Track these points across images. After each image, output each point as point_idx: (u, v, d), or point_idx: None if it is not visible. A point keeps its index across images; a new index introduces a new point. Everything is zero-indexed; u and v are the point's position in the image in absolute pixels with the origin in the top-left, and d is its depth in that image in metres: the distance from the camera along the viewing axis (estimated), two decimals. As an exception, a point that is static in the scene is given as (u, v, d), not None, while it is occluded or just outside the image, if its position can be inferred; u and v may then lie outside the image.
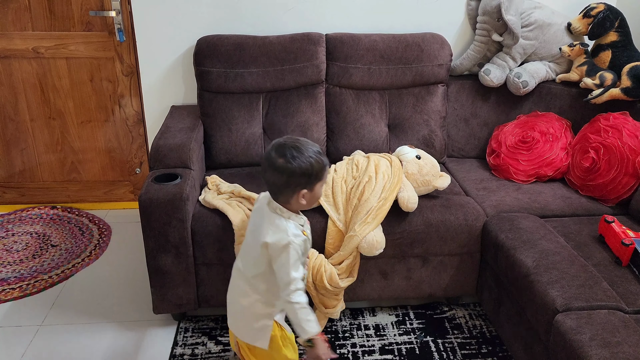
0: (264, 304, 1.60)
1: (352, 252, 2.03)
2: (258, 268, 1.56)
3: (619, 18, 2.46)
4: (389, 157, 2.24)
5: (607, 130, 2.31)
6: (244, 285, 1.62)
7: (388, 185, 2.09)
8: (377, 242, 2.01)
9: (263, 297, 1.59)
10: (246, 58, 2.48)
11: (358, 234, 1.99)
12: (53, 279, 2.50)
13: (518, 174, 2.44)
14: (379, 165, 2.15)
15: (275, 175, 1.47)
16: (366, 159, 2.25)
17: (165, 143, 2.23)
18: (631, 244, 1.82)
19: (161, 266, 2.06)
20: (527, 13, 2.56)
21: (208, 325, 2.24)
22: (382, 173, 2.12)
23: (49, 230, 2.88)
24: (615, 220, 1.95)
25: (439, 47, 2.57)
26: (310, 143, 1.50)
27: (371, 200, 2.03)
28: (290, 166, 1.45)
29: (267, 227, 1.52)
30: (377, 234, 2.02)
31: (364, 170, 2.16)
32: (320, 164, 1.50)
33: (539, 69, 2.61)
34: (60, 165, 3.06)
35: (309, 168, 1.46)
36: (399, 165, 2.17)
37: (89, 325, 2.24)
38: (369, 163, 2.18)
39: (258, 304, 1.60)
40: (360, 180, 2.11)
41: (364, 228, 2.00)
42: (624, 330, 1.53)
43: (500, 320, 2.05)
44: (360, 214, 2.02)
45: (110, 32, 2.77)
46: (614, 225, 1.92)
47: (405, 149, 2.26)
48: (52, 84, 2.87)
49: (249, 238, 1.62)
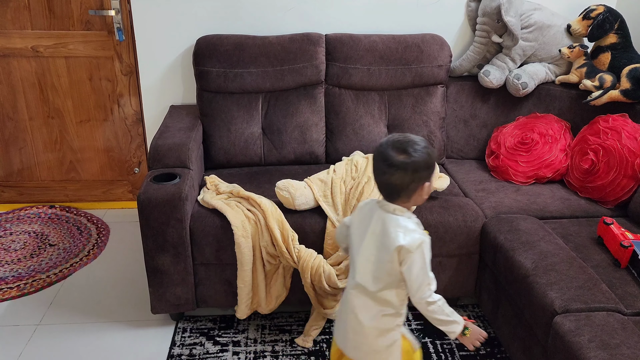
0: (392, 316, 1.49)
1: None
2: (390, 277, 1.44)
3: (619, 20, 2.47)
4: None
5: (607, 132, 2.31)
6: (368, 301, 1.48)
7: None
8: None
9: (392, 308, 1.48)
10: (246, 58, 2.48)
11: None
12: (51, 279, 2.49)
13: (517, 175, 2.44)
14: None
15: (398, 173, 1.38)
16: (365, 159, 2.24)
17: (164, 143, 2.23)
18: (630, 246, 1.82)
19: (159, 266, 2.05)
20: (526, 14, 2.56)
21: (206, 326, 2.23)
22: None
23: (47, 229, 2.87)
24: (615, 222, 1.95)
25: (439, 48, 2.57)
26: (415, 136, 1.46)
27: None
28: (415, 160, 1.38)
29: (395, 230, 1.42)
30: None
31: (363, 171, 2.15)
32: (434, 153, 1.50)
33: (539, 70, 2.61)
34: (58, 165, 3.05)
35: (428, 159, 1.41)
36: None
37: (86, 325, 2.23)
38: (367, 163, 2.17)
39: (386, 318, 1.48)
40: (360, 180, 2.11)
41: None
42: (622, 332, 1.53)
43: (499, 321, 2.04)
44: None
45: (109, 32, 2.77)
46: (613, 227, 1.92)
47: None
48: (51, 82, 2.87)
49: (372, 250, 1.46)
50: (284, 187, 2.06)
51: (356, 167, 2.19)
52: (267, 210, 2.03)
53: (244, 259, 2.03)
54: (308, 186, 2.09)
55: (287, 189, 2.05)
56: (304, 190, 2.06)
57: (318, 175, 2.20)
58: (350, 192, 2.10)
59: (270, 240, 2.02)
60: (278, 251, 2.02)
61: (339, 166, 2.24)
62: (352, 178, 2.15)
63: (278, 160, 2.56)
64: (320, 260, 2.02)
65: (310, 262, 2.01)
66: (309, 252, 2.03)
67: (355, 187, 2.10)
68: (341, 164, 2.25)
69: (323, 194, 2.11)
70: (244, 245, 2.01)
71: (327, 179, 2.13)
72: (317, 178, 2.16)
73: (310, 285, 2.03)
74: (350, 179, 2.15)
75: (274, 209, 2.05)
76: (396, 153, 1.38)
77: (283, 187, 2.06)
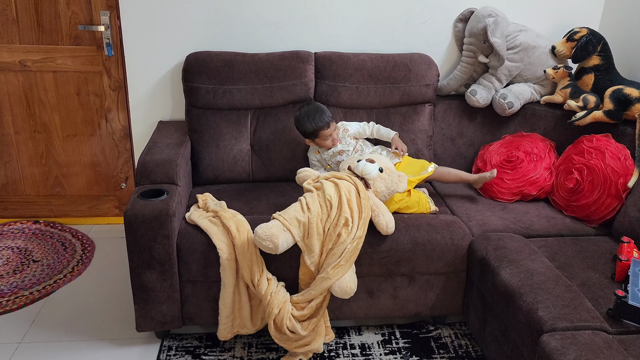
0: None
1: (323, 293, 2.02)
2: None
3: (602, 42, 2.52)
4: (354, 181, 2.09)
5: (591, 151, 2.34)
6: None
7: (361, 223, 2.02)
8: (350, 288, 2.00)
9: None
10: (235, 75, 2.49)
11: (331, 276, 1.96)
12: (34, 295, 2.45)
13: (503, 193, 2.47)
14: (351, 201, 2.02)
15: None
16: (335, 189, 2.05)
17: (152, 158, 2.22)
18: (627, 260, 1.85)
19: (145, 283, 2.03)
20: (512, 36, 2.61)
21: (192, 344, 2.21)
22: (356, 210, 2.02)
23: (30, 245, 2.83)
24: (632, 241, 2.00)
25: (427, 67, 2.60)
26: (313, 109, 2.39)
27: (346, 242, 1.98)
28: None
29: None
30: (350, 279, 2.00)
31: (338, 210, 2.01)
32: (300, 122, 2.40)
33: (524, 90, 2.65)
34: (44, 179, 3.02)
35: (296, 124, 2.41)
36: (365, 194, 2.06)
37: (70, 343, 2.19)
38: (340, 200, 2.02)
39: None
40: (337, 222, 2.00)
41: (338, 271, 1.96)
42: (607, 350, 1.54)
43: (486, 339, 2.05)
44: (335, 255, 1.97)
45: (98, 47, 2.76)
46: (626, 245, 1.97)
47: (368, 167, 2.12)
48: (38, 97, 2.85)
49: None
50: (266, 237, 1.90)
51: (330, 203, 2.02)
52: (237, 244, 1.99)
53: (227, 280, 2.01)
54: (287, 229, 1.96)
55: (269, 239, 1.90)
56: (284, 235, 1.94)
57: (293, 213, 1.99)
58: (328, 233, 2.01)
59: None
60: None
61: (313, 202, 2.02)
62: (327, 215, 2.02)
63: (266, 177, 2.56)
64: (285, 313, 1.99)
65: (275, 309, 1.99)
66: (278, 297, 2.00)
67: (332, 227, 2.00)
68: (313, 199, 2.03)
69: (302, 237, 2.00)
70: (228, 268, 2.00)
71: (304, 219, 1.98)
72: (294, 218, 1.97)
73: (273, 329, 2.02)
74: (326, 216, 2.01)
75: (245, 243, 2.00)
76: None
77: (265, 237, 1.90)
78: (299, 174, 2.24)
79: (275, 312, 1.99)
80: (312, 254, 1.99)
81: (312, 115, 2.34)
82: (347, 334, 2.29)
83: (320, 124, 2.33)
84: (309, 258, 2.00)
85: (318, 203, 2.01)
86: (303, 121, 2.35)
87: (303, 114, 2.36)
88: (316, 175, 2.18)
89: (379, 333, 2.30)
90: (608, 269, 1.96)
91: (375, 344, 2.24)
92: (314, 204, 2.01)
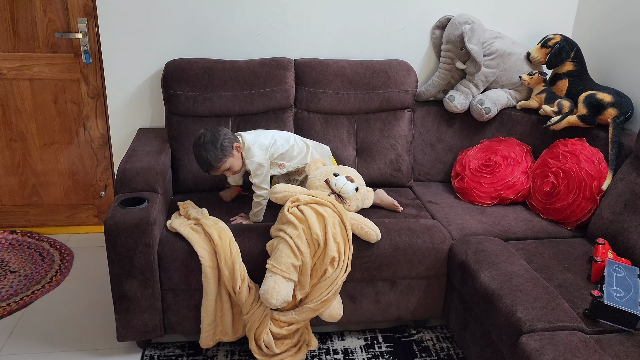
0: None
1: (306, 320, 2.05)
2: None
3: (575, 49, 2.58)
4: (337, 210, 2.05)
5: (566, 155, 2.40)
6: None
7: (347, 256, 2.03)
8: (338, 314, 2.09)
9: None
10: (215, 82, 2.49)
11: (319, 308, 2.01)
12: (11, 307, 2.41)
13: (481, 197, 2.51)
14: (336, 235, 2.00)
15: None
16: (321, 225, 1.99)
17: (131, 166, 2.20)
18: (602, 261, 1.89)
19: (126, 292, 2.01)
20: (488, 42, 2.66)
21: (174, 353, 2.19)
22: (342, 243, 2.01)
23: (7, 255, 2.78)
24: (607, 243, 2.05)
25: (405, 73, 2.64)
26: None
27: (332, 276, 1.99)
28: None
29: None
30: (338, 305, 2.09)
31: (324, 248, 1.99)
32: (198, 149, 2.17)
33: (501, 96, 2.70)
34: (20, 188, 2.97)
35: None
36: (349, 225, 2.05)
37: (49, 355, 2.16)
38: (326, 236, 1.98)
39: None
40: (323, 260, 1.99)
41: (326, 304, 2.01)
42: (584, 350, 1.57)
43: (467, 342, 2.07)
44: (321, 289, 1.99)
45: (76, 54, 2.74)
46: (601, 246, 2.02)
47: (347, 187, 2.14)
48: (14, 105, 2.81)
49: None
50: (281, 302, 1.93)
51: (317, 242, 1.99)
52: (219, 251, 1.99)
53: (209, 288, 2.01)
54: (289, 280, 1.95)
55: (284, 301, 1.94)
56: (288, 287, 1.95)
57: (288, 260, 1.94)
58: (314, 269, 2.01)
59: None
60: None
61: (302, 244, 1.96)
62: (314, 252, 2.01)
63: (247, 184, 2.56)
64: (263, 327, 2.01)
65: (255, 322, 2.00)
66: (259, 310, 2.01)
67: (319, 263, 2.00)
68: (303, 241, 1.96)
69: (295, 272, 1.99)
70: (210, 276, 1.99)
71: (298, 262, 1.96)
72: (290, 265, 1.94)
73: (254, 345, 2.04)
74: (313, 252, 2.00)
75: (227, 250, 2.00)
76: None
77: (281, 303, 1.93)
78: (276, 194, 2.09)
79: (256, 326, 2.01)
80: (304, 290, 2.01)
81: (198, 159, 2.15)
82: (329, 339, 2.30)
83: (205, 169, 2.17)
84: (300, 295, 2.01)
85: (307, 243, 1.97)
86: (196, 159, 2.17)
87: (194, 151, 2.16)
88: (294, 191, 2.09)
89: (362, 338, 2.32)
90: (584, 270, 2.01)
91: (358, 349, 2.25)
92: (304, 245, 1.96)
